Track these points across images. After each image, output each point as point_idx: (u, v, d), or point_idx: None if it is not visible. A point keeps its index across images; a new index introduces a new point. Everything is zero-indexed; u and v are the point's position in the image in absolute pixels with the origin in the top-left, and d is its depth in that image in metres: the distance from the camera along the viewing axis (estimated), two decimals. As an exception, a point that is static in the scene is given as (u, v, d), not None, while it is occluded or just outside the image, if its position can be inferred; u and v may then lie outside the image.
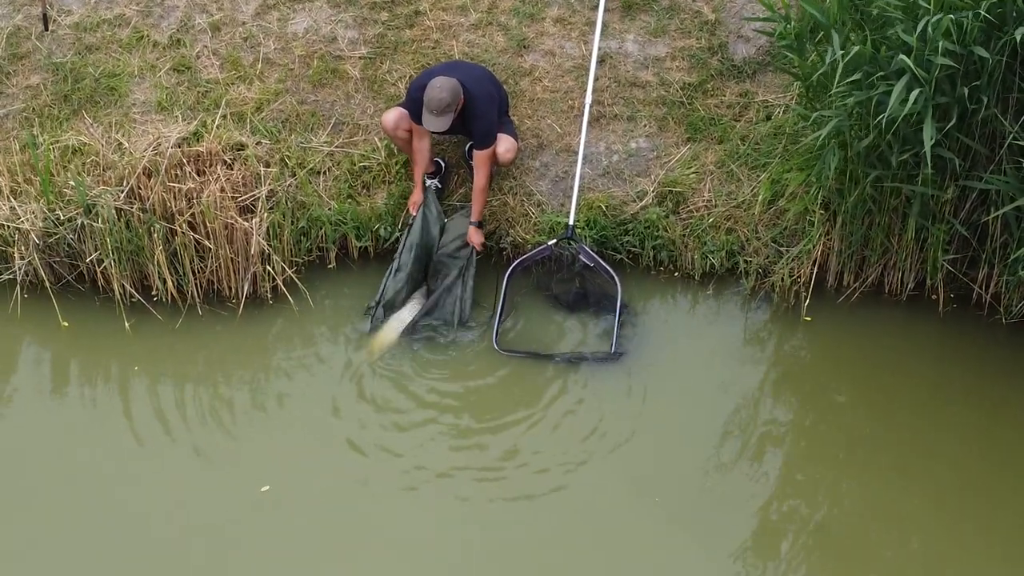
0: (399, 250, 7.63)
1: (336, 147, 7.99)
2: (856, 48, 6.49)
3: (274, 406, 7.14)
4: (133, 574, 6.33)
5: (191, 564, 6.36)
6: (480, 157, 7.52)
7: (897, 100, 6.27)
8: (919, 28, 6.33)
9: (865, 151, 6.91)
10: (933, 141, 6.28)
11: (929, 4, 6.29)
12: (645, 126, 8.05)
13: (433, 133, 7.60)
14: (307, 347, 7.47)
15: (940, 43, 6.28)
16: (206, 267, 7.55)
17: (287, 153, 7.89)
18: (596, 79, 8.01)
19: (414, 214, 7.68)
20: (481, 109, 7.46)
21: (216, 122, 7.88)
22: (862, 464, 6.83)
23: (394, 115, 7.62)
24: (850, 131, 6.88)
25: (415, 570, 6.36)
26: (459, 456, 6.89)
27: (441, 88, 7.30)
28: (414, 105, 7.47)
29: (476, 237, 7.63)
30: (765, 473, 6.80)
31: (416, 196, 7.73)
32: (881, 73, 6.48)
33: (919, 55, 6.36)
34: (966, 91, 6.44)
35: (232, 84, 8.18)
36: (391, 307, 7.52)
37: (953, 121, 6.49)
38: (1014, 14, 6.29)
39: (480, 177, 7.55)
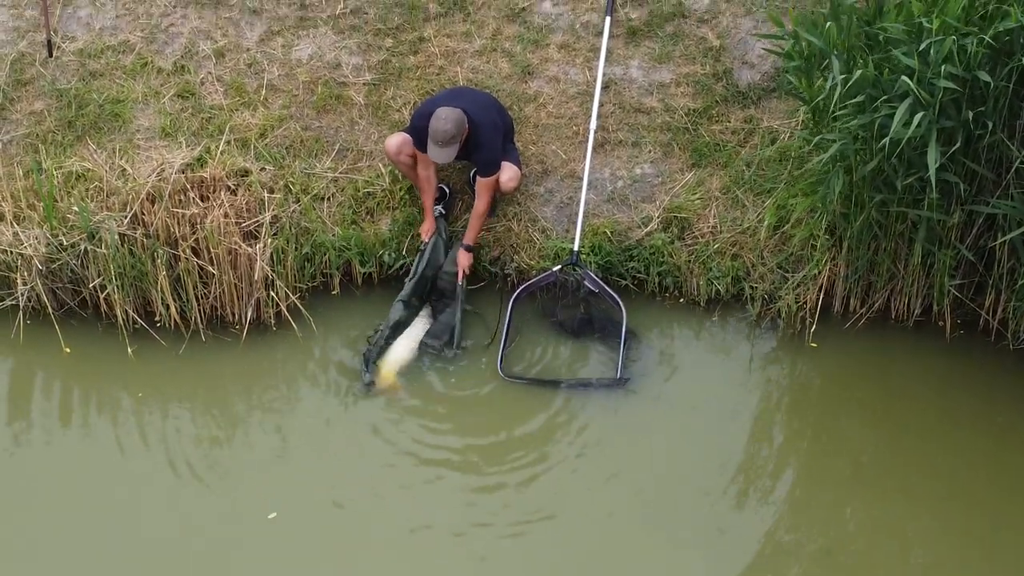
0: (411, 275, 7.62)
1: (340, 173, 7.98)
2: (859, 71, 6.47)
3: (278, 433, 7.09)
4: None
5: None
6: (483, 184, 7.50)
7: (900, 123, 6.26)
8: (920, 50, 6.32)
9: (870, 175, 6.89)
10: (938, 164, 6.26)
11: (932, 27, 6.28)
12: (650, 152, 8.03)
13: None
14: (311, 374, 7.43)
15: (943, 67, 6.27)
16: (209, 293, 7.53)
17: (291, 179, 7.87)
18: (601, 105, 8.01)
19: (427, 240, 7.66)
20: (485, 138, 7.44)
21: (220, 148, 7.87)
22: (869, 489, 6.77)
23: (397, 140, 7.60)
24: (855, 155, 6.86)
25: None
26: (463, 482, 6.85)
27: (446, 119, 7.27)
28: (418, 133, 7.45)
29: (464, 260, 7.61)
30: (771, 499, 6.75)
31: (428, 225, 7.71)
32: (885, 96, 6.47)
33: (923, 78, 6.35)
34: (971, 115, 6.42)
35: (236, 110, 8.18)
36: (396, 330, 7.50)
37: (958, 145, 6.47)
38: (1022, 41, 6.27)
39: (480, 203, 7.54)
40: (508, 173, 7.57)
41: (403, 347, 7.44)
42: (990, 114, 6.48)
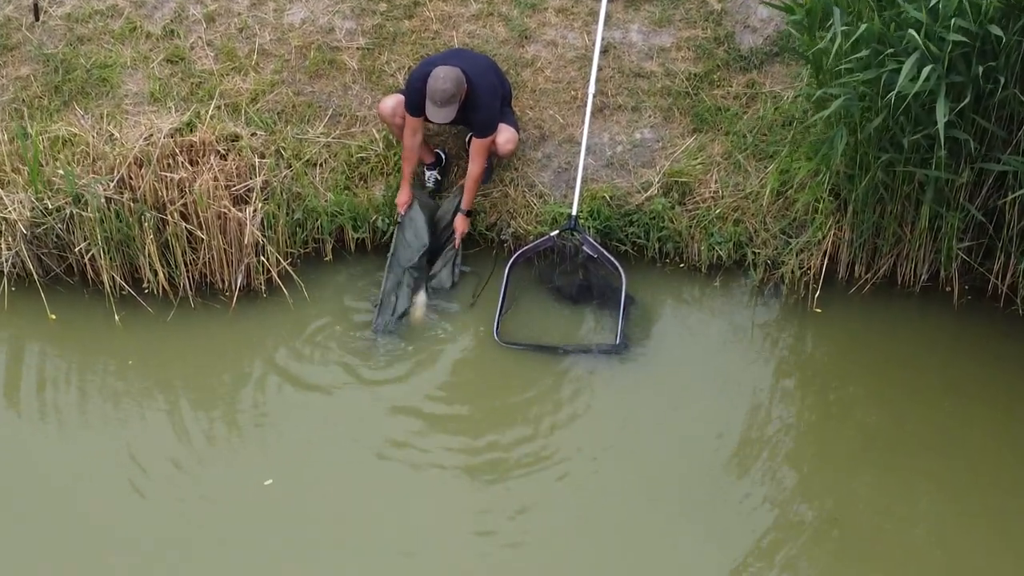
0: (392, 250, 7.45)
1: (333, 138, 7.81)
2: (864, 25, 6.30)
3: (270, 401, 6.94)
4: (129, 570, 6.12)
5: (189, 559, 6.15)
6: (478, 146, 7.32)
7: (907, 77, 6.07)
8: (931, 6, 6.15)
9: (876, 133, 6.71)
10: (947, 119, 6.07)
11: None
12: (650, 117, 7.86)
13: (433, 123, 7.43)
14: (302, 341, 7.26)
15: (953, 20, 6.09)
16: (198, 259, 7.37)
17: (283, 144, 7.71)
18: (600, 69, 7.82)
19: (402, 213, 7.49)
20: (484, 100, 7.26)
21: (210, 113, 7.70)
22: (874, 460, 6.60)
23: (392, 101, 7.43)
24: (859, 112, 6.67)
25: (420, 565, 6.14)
26: (462, 452, 6.69)
27: (445, 79, 7.10)
28: (414, 95, 7.26)
29: (461, 225, 7.46)
30: (775, 469, 6.58)
31: (404, 195, 7.52)
32: (891, 50, 6.28)
33: (931, 32, 6.17)
34: (981, 70, 6.23)
35: (227, 75, 8.02)
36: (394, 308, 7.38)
37: (968, 100, 6.28)
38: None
39: (474, 166, 7.36)
40: (505, 135, 7.39)
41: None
42: (1001, 69, 6.30)
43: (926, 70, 6.08)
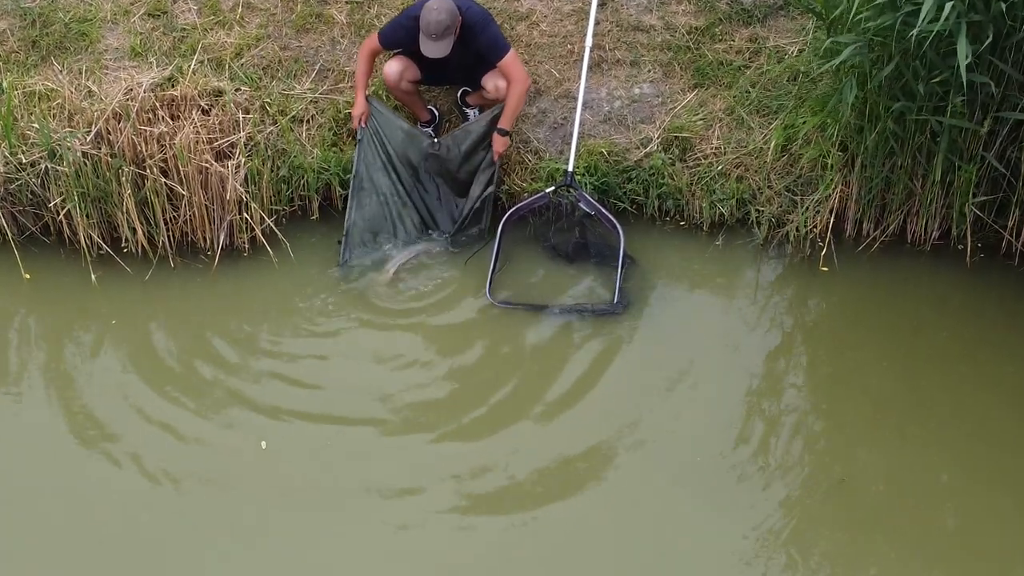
0: (353, 171, 7.20)
1: (320, 94, 7.53)
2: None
3: (254, 363, 6.68)
4: (119, 535, 5.87)
5: (178, 523, 5.91)
6: (505, 66, 6.97)
7: (927, 18, 5.77)
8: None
9: (887, 81, 6.42)
10: (969, 59, 5.77)
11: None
12: (649, 71, 7.60)
13: (427, 82, 7.23)
14: (286, 302, 7.00)
15: None
16: (179, 216, 7.10)
17: (268, 100, 7.44)
18: (597, 23, 7.55)
19: (362, 126, 7.23)
20: (481, 24, 6.96)
21: (192, 67, 7.42)
22: (884, 425, 6.34)
23: (397, 65, 7.10)
24: (870, 62, 6.38)
25: (420, 536, 5.90)
26: (452, 416, 6.42)
27: (439, 10, 6.81)
28: (401, 32, 6.98)
29: (498, 144, 7.12)
30: (780, 435, 6.32)
31: (359, 106, 7.22)
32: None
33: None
34: (1004, 7, 5.93)
35: (210, 29, 7.75)
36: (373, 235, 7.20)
37: (989, 39, 5.98)
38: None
39: (512, 88, 7.00)
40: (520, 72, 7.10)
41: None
42: (1022, 6, 5.99)
43: (947, 7, 5.77)
